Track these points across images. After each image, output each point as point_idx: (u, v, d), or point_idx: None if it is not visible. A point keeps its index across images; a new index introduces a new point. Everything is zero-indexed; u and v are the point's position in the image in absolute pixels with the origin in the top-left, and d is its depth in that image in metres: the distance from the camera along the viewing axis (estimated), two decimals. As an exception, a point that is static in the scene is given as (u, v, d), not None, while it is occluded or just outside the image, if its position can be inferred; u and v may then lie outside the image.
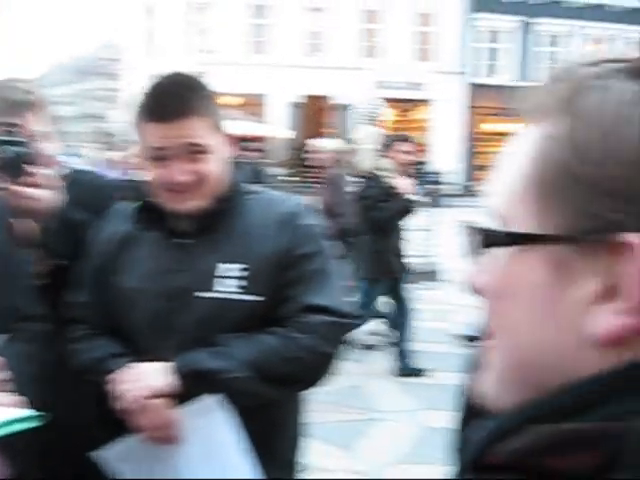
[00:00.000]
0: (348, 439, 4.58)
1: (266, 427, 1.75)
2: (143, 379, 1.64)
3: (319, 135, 30.50)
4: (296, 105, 28.05)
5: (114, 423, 1.71)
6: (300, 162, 26.60)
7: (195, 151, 1.68)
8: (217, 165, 1.73)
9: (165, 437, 1.66)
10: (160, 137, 1.66)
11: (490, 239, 0.58)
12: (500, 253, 0.57)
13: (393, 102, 29.55)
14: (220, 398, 1.63)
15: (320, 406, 4.93)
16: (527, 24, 29.07)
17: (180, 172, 1.66)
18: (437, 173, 24.02)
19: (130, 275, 1.78)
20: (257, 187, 1.93)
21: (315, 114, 30.22)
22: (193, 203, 1.71)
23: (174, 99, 1.66)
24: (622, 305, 0.50)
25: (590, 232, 0.51)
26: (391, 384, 5.79)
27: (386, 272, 5.89)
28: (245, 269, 1.70)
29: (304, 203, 1.88)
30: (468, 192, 25.67)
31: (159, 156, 1.68)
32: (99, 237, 1.86)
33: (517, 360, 0.57)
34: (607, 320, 0.51)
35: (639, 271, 0.49)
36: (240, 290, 1.69)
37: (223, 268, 1.71)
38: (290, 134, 25.75)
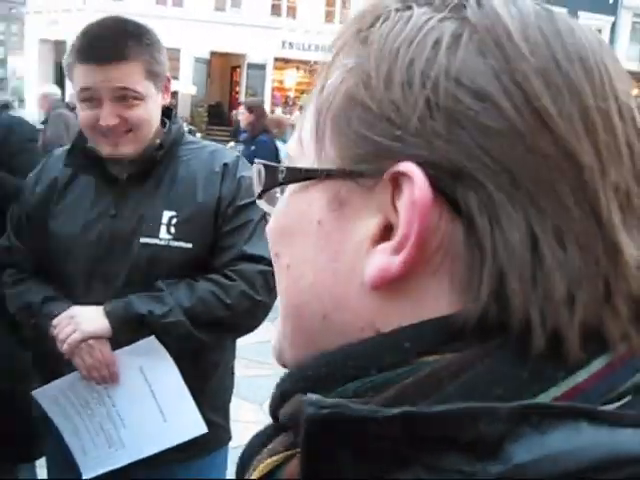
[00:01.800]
0: (259, 394, 4.68)
1: (201, 370, 1.81)
2: (77, 322, 1.67)
3: (226, 93, 30.24)
4: (203, 61, 27.49)
5: (49, 365, 1.74)
6: (203, 119, 26.21)
7: (125, 96, 1.67)
8: (149, 112, 1.72)
9: (102, 377, 1.70)
10: (90, 79, 1.65)
11: (271, 178, 0.53)
12: (287, 194, 0.53)
13: (300, 64, 29.44)
14: (156, 341, 1.67)
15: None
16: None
17: (108, 116, 1.66)
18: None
19: (66, 221, 1.77)
20: (199, 139, 1.96)
21: (223, 71, 29.77)
22: (124, 149, 1.71)
23: (107, 42, 1.64)
24: (391, 244, 0.44)
25: (365, 162, 0.45)
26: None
27: None
28: (175, 216, 1.73)
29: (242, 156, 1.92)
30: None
31: (88, 97, 1.67)
32: (34, 182, 1.84)
33: (292, 307, 0.52)
34: (377, 262, 0.44)
35: (407, 205, 0.43)
36: (170, 237, 1.72)
37: (161, 214, 1.73)
38: (194, 90, 25.21)
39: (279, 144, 7.29)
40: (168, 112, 1.85)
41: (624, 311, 0.42)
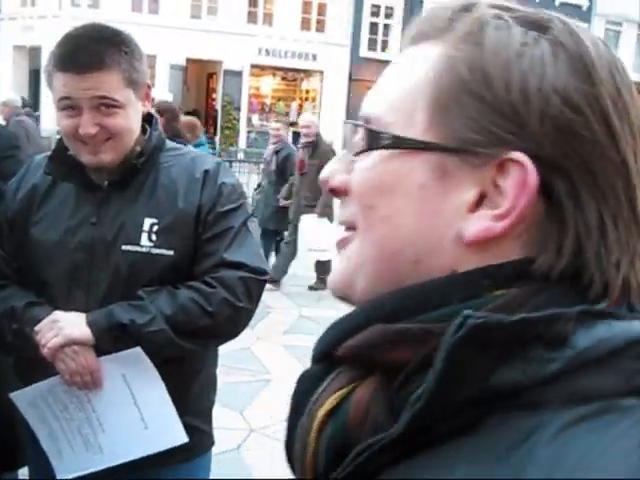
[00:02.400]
0: (240, 400, 4.69)
1: (183, 377, 1.81)
2: (60, 327, 1.67)
3: (203, 100, 30.13)
4: (179, 68, 27.39)
5: (30, 371, 1.74)
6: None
7: (105, 104, 1.67)
8: (129, 120, 1.72)
9: (85, 382, 1.70)
10: (69, 87, 1.65)
11: (377, 141, 0.62)
12: (381, 154, 0.62)
13: (277, 70, 29.47)
14: (142, 352, 1.68)
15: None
16: (413, 1, 29.63)
17: (88, 125, 1.65)
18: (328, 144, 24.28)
19: (47, 228, 1.77)
20: (179, 144, 1.96)
21: (199, 78, 29.68)
22: (104, 157, 1.71)
23: (86, 50, 1.64)
24: (494, 212, 0.57)
25: (480, 145, 0.57)
26: (278, 347, 5.95)
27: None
28: (156, 223, 1.73)
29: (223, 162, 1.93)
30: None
31: (67, 106, 1.67)
32: (15, 188, 1.84)
33: (387, 251, 0.62)
34: (480, 224, 0.57)
35: (516, 184, 0.56)
36: (151, 244, 1.73)
37: (142, 222, 1.74)
38: (170, 97, 25.07)
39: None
40: (149, 119, 1.86)
41: None
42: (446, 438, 0.53)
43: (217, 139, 27.80)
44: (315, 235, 7.59)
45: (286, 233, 8.27)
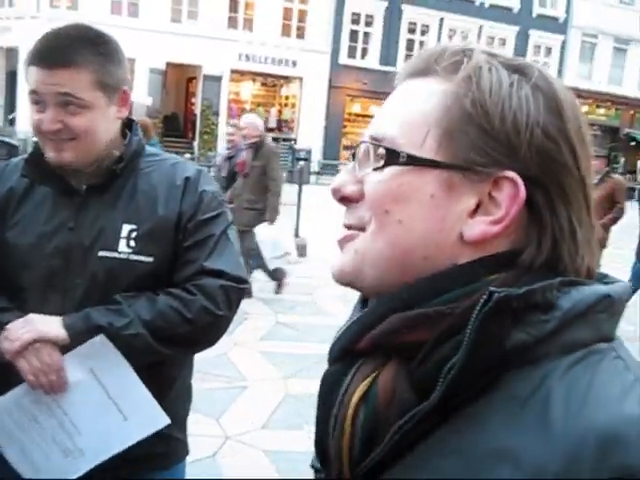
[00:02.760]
0: (215, 407, 4.65)
1: (159, 385, 1.78)
2: (32, 326, 1.63)
3: (182, 104, 29.96)
4: (158, 72, 27.27)
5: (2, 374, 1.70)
6: (158, 130, 25.91)
7: (69, 102, 1.65)
8: (94, 122, 1.69)
9: (50, 382, 1.65)
10: (37, 82, 1.64)
11: (394, 158, 0.75)
12: (395, 169, 0.75)
13: (257, 76, 29.46)
14: (105, 339, 1.63)
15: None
16: (393, 10, 29.77)
17: (50, 121, 1.64)
18: (307, 150, 24.35)
19: (23, 232, 1.74)
20: (160, 151, 1.95)
21: (178, 83, 29.57)
22: (66, 155, 1.68)
23: (58, 47, 1.63)
24: (491, 218, 0.72)
25: (480, 165, 0.72)
26: (254, 353, 5.93)
27: None
28: (135, 229, 1.71)
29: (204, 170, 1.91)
30: (325, 171, 26.18)
31: (35, 100, 1.67)
32: None
33: (399, 249, 0.75)
34: (480, 227, 0.72)
35: (509, 197, 0.71)
36: (129, 250, 1.71)
37: (120, 228, 1.71)
38: (149, 101, 24.94)
39: None
40: (130, 124, 1.84)
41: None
42: (471, 400, 0.66)
43: (195, 144, 27.71)
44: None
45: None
